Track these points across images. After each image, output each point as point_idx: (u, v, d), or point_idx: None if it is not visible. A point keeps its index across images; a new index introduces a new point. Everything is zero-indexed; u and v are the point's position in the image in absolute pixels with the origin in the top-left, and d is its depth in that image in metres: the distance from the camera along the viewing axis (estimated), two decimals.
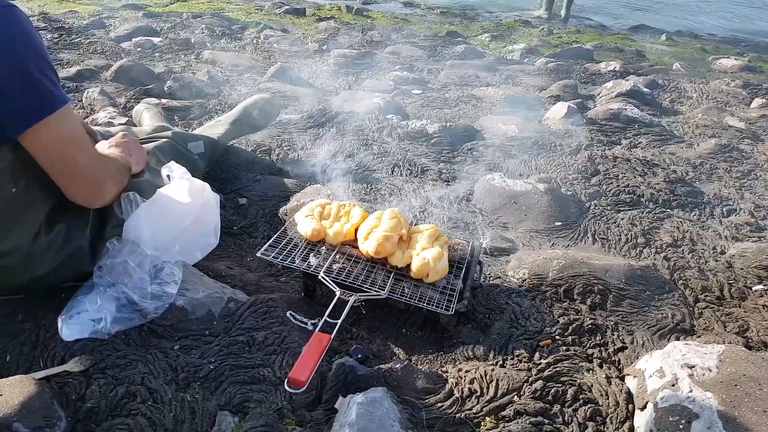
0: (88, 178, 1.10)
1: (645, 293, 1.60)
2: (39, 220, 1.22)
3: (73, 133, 1.06)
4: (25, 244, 1.20)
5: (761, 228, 2.08)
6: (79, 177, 1.08)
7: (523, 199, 2.10)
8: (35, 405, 1.02)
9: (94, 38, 4.29)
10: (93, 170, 1.11)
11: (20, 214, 1.18)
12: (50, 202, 1.23)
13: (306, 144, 2.57)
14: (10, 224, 1.17)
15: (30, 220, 1.20)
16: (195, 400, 1.14)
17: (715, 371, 1.16)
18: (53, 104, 1.01)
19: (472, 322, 1.47)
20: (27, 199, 1.18)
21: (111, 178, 1.24)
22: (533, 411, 1.17)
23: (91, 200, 1.21)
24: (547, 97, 3.71)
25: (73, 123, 1.06)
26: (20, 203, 1.17)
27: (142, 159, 1.52)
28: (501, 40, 5.76)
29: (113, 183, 1.26)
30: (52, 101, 1.00)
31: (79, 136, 1.09)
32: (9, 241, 1.17)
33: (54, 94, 1.02)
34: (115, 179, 1.27)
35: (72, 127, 1.06)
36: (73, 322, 1.22)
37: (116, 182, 1.28)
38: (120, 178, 1.31)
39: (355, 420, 1.04)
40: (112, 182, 1.25)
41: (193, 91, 3.17)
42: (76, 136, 1.07)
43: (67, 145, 1.05)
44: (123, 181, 1.33)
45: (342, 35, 5.26)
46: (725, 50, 6.10)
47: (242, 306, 1.39)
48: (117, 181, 1.28)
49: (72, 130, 1.06)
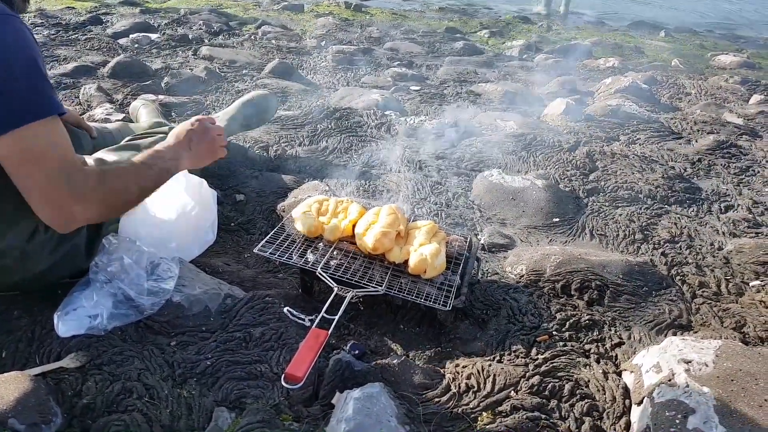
0: (44, 199, 1.00)
1: (642, 289, 1.60)
2: (36, 218, 1.21)
3: (33, 150, 0.95)
4: (21, 242, 1.19)
5: (759, 224, 2.08)
6: (33, 197, 0.99)
7: (521, 196, 2.10)
8: (31, 401, 1.01)
9: (91, 34, 4.27)
10: (51, 192, 0.99)
11: (18, 213, 1.17)
12: None
13: (304, 140, 2.56)
14: (7, 223, 1.16)
15: (27, 218, 1.19)
16: (192, 396, 1.14)
17: (712, 366, 1.16)
18: (15, 120, 0.93)
19: (470, 317, 1.47)
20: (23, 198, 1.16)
21: (81, 199, 1.05)
22: (530, 406, 1.17)
23: (51, 222, 1.07)
24: (545, 93, 3.70)
25: (35, 139, 0.95)
26: (17, 202, 1.15)
27: (207, 152, 1.36)
28: (500, 36, 5.75)
29: (85, 205, 1.06)
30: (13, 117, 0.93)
31: (40, 154, 0.96)
32: (5, 240, 1.16)
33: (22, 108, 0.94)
34: (89, 200, 1.07)
35: (33, 143, 0.95)
36: (69, 318, 1.22)
37: (94, 203, 1.08)
38: (106, 196, 1.11)
39: (352, 415, 1.04)
40: (83, 204, 1.06)
41: (191, 88, 3.16)
42: (37, 153, 0.96)
43: (22, 163, 0.96)
44: (116, 200, 1.14)
45: (340, 31, 5.24)
46: (724, 46, 6.09)
47: (239, 302, 1.39)
48: (96, 201, 1.08)
49: (32, 146, 0.95)
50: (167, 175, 1.26)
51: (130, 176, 1.17)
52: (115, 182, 1.12)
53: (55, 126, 1.00)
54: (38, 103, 0.95)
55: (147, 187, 1.21)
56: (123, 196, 1.15)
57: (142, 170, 1.19)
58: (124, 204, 1.18)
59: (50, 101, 0.98)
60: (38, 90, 0.96)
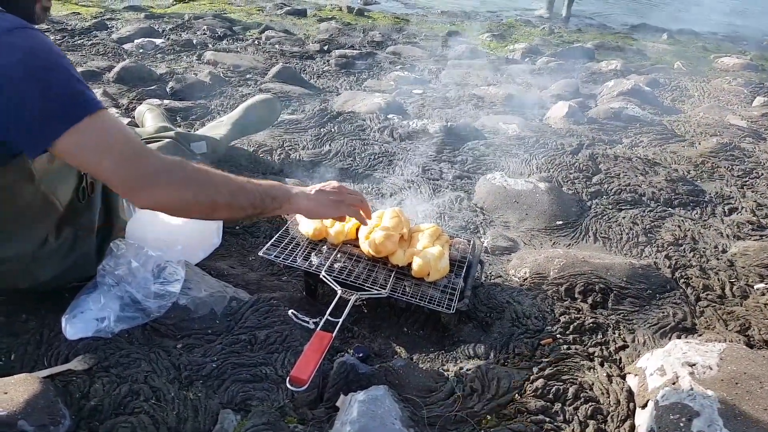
0: (120, 179, 1.01)
1: (646, 292, 1.61)
2: (49, 226, 1.22)
3: (97, 141, 0.97)
4: (32, 249, 1.20)
5: (763, 226, 2.08)
6: (110, 181, 1.02)
7: (524, 198, 2.11)
8: (40, 403, 1.03)
9: (97, 40, 4.30)
10: (124, 172, 1.00)
11: (33, 220, 1.18)
12: (61, 209, 1.22)
13: (307, 144, 2.57)
14: (22, 230, 1.17)
15: (41, 226, 1.20)
16: (198, 398, 1.14)
17: (716, 369, 1.16)
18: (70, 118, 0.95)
19: (474, 320, 1.47)
20: (41, 206, 1.17)
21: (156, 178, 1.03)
22: (534, 409, 1.17)
23: (131, 200, 1.10)
24: (548, 96, 3.71)
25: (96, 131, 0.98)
26: (32, 212, 1.17)
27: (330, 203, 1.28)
28: (502, 39, 5.76)
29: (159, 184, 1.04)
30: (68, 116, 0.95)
31: (103, 142, 0.98)
32: (16, 246, 1.17)
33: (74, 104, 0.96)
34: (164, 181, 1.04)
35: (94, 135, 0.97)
36: (76, 321, 1.23)
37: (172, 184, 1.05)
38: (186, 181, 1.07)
39: (356, 418, 1.05)
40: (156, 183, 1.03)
41: (195, 92, 3.18)
42: (100, 142, 0.98)
43: (88, 154, 0.97)
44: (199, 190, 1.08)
45: (343, 35, 5.26)
46: (727, 49, 6.09)
47: (244, 305, 1.40)
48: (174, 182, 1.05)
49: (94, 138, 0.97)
50: (272, 203, 1.19)
51: (222, 178, 1.13)
52: (197, 174, 1.09)
53: (108, 116, 1.01)
54: (82, 102, 0.96)
55: (240, 200, 1.14)
56: (207, 191, 1.09)
57: (242, 183, 1.15)
58: (209, 200, 1.09)
59: (92, 97, 0.98)
60: (79, 89, 0.97)
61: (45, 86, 0.93)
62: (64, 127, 0.93)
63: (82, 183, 1.27)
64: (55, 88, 0.94)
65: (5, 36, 0.91)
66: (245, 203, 1.15)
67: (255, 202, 1.16)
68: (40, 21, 1.10)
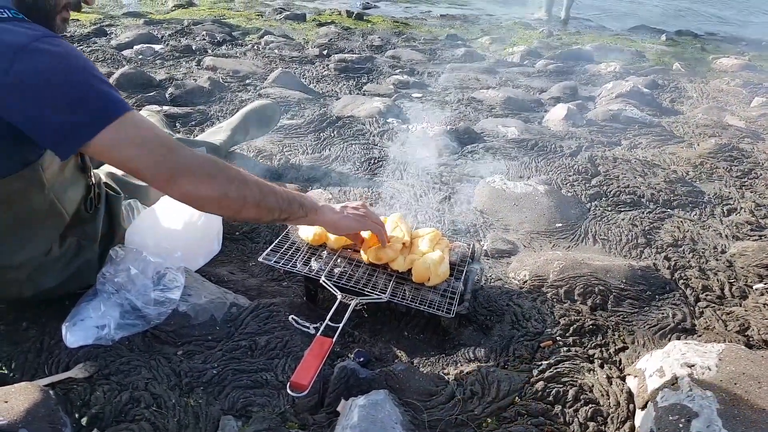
0: (155, 172, 1.03)
1: (646, 293, 1.61)
2: (54, 235, 1.23)
3: (132, 137, 1.00)
4: (37, 257, 1.21)
5: (762, 227, 2.08)
6: (146, 173, 1.04)
7: (523, 201, 2.11)
8: (40, 411, 1.03)
9: (96, 46, 4.32)
10: (159, 165, 1.03)
11: (40, 228, 1.19)
12: (67, 219, 1.23)
13: (307, 149, 2.58)
14: (29, 237, 1.18)
15: (47, 235, 1.21)
16: (198, 404, 1.15)
17: (715, 370, 1.17)
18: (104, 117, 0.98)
19: (474, 324, 1.47)
20: (48, 215, 1.18)
21: (189, 171, 1.05)
22: (534, 412, 1.18)
23: (166, 190, 1.08)
24: (547, 98, 3.72)
25: (130, 128, 1.01)
26: (40, 220, 1.18)
27: (355, 218, 1.35)
28: (501, 42, 5.77)
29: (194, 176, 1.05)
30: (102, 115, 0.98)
31: (138, 137, 1.01)
32: (22, 255, 1.18)
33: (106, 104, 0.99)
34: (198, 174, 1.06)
35: (129, 132, 1.00)
36: (77, 328, 1.23)
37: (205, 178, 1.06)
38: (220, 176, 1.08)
39: (357, 422, 1.05)
40: (192, 175, 1.05)
41: (195, 98, 3.19)
42: (135, 137, 1.01)
43: (124, 149, 1.00)
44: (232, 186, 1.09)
45: (342, 40, 5.28)
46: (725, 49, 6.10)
47: (244, 311, 1.40)
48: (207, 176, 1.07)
49: (129, 135, 1.00)
50: (299, 210, 1.22)
51: (253, 178, 1.14)
52: (231, 171, 1.10)
53: (138, 115, 1.04)
54: (115, 102, 1.00)
55: (269, 200, 1.15)
56: (240, 187, 1.10)
57: (272, 185, 1.17)
58: (239, 196, 1.10)
59: (123, 99, 1.02)
60: (110, 91, 1.00)
61: (82, 88, 0.96)
62: (101, 125, 0.97)
63: (90, 193, 1.28)
64: (91, 91, 0.97)
65: (37, 42, 0.94)
66: (274, 205, 1.16)
67: (283, 206, 1.18)
68: (60, 32, 1.13)
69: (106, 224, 1.36)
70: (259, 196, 1.13)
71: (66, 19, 1.14)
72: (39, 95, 0.94)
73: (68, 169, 1.21)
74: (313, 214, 1.27)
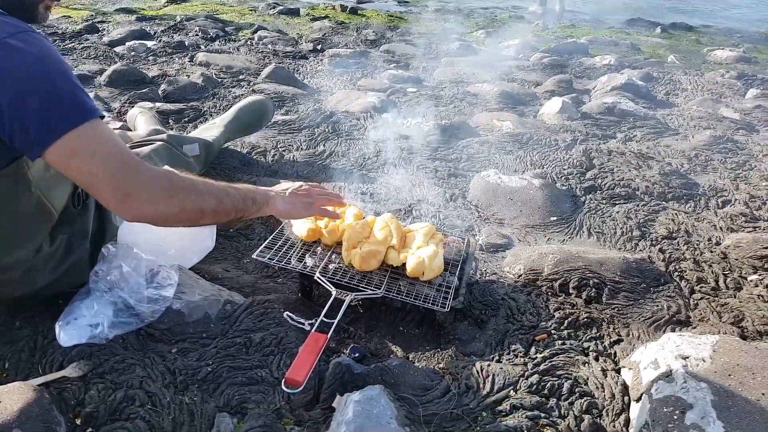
0: (110, 188, 1.01)
1: (640, 286, 1.61)
2: (44, 233, 1.22)
3: (91, 148, 0.98)
4: (28, 257, 1.20)
5: (756, 218, 2.08)
6: (100, 188, 1.01)
7: (518, 195, 2.11)
8: (34, 411, 1.02)
9: (88, 43, 4.29)
10: (115, 181, 1.00)
11: (29, 227, 1.18)
12: (56, 216, 1.22)
13: (301, 145, 2.57)
14: (17, 239, 1.17)
15: (36, 233, 1.20)
16: (193, 402, 1.14)
17: (709, 362, 1.17)
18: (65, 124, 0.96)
19: (469, 318, 1.47)
20: (36, 213, 1.17)
21: (146, 188, 1.04)
22: (530, 405, 1.18)
23: (120, 211, 1.07)
24: (542, 92, 3.71)
25: (90, 139, 0.98)
26: (28, 218, 1.17)
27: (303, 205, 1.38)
28: (496, 36, 5.75)
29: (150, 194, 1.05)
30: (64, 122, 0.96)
31: (98, 150, 0.99)
32: (12, 255, 1.17)
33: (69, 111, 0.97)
34: (155, 190, 1.05)
35: (89, 142, 0.98)
36: (70, 327, 1.23)
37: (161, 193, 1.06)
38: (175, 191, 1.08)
39: (352, 418, 1.05)
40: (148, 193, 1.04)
41: (188, 94, 3.17)
42: (95, 149, 0.99)
43: (83, 161, 0.98)
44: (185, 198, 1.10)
45: (336, 34, 5.26)
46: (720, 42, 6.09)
47: (239, 308, 1.40)
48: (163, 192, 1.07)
49: (89, 145, 0.98)
50: (252, 206, 1.25)
51: (206, 186, 1.15)
52: (184, 182, 1.11)
53: (104, 126, 1.02)
54: (82, 107, 0.97)
55: (225, 204, 1.17)
56: (193, 198, 1.11)
57: (224, 188, 1.19)
58: (196, 207, 1.12)
59: (91, 104, 1.00)
60: (79, 95, 0.98)
61: (50, 90, 0.95)
62: (64, 130, 0.95)
63: (78, 189, 1.27)
64: (59, 92, 0.95)
65: (10, 39, 0.93)
66: (230, 208, 1.19)
67: (238, 206, 1.21)
68: (43, 20, 1.11)
69: (96, 221, 1.35)
70: (214, 203, 1.15)
71: (49, 7, 1.12)
72: (7, 93, 0.92)
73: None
74: (265, 206, 1.30)
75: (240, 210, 1.22)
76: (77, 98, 0.97)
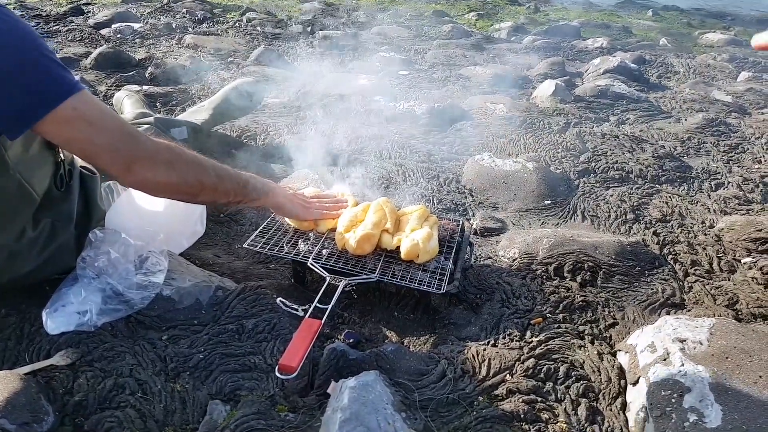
0: (111, 157, 1.01)
1: (635, 269, 1.60)
2: (26, 217, 1.18)
3: (89, 117, 0.97)
4: (10, 242, 1.16)
5: (749, 201, 2.08)
6: (102, 157, 1.01)
7: (512, 179, 2.09)
8: (21, 400, 1.00)
9: (73, 25, 4.19)
10: (116, 149, 1.00)
11: (9, 210, 1.14)
12: (38, 199, 1.19)
13: (292, 128, 2.53)
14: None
15: (18, 217, 1.17)
16: (185, 390, 1.12)
17: (706, 344, 1.16)
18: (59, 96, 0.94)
19: (464, 302, 1.46)
20: (17, 196, 1.14)
21: (147, 157, 1.05)
22: (526, 389, 1.17)
23: (121, 178, 1.06)
24: (534, 75, 3.68)
25: (87, 107, 0.97)
26: (9, 201, 1.13)
27: (300, 206, 1.43)
28: (487, 18, 5.70)
29: (152, 164, 1.05)
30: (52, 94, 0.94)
31: (95, 118, 0.98)
32: None
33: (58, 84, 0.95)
34: (156, 160, 1.06)
35: (86, 111, 0.97)
36: (57, 315, 1.20)
37: (161, 164, 1.07)
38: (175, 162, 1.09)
39: (347, 404, 1.03)
40: (150, 163, 1.05)
41: (175, 77, 3.11)
42: (93, 118, 0.98)
43: (82, 129, 0.97)
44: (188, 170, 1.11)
45: (327, 16, 5.18)
46: (711, 24, 6.08)
47: (231, 294, 1.37)
48: (163, 162, 1.07)
49: (86, 114, 0.97)
50: (252, 192, 1.26)
51: (209, 162, 1.15)
52: (187, 155, 1.11)
53: (93, 97, 1.00)
54: (69, 81, 0.95)
55: (225, 184, 1.18)
56: (195, 172, 1.12)
57: (227, 168, 1.19)
58: (196, 182, 1.13)
59: (75, 79, 0.97)
60: (62, 71, 0.96)
61: (31, 66, 0.92)
62: (52, 105, 0.93)
63: (60, 170, 1.23)
64: (41, 68, 0.93)
65: None
66: (229, 188, 1.19)
67: (237, 189, 1.21)
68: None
69: (81, 204, 1.32)
70: (215, 181, 1.15)
71: None
72: None
73: (33, 147, 1.15)
74: (265, 197, 1.30)
75: (239, 194, 1.21)
76: (60, 73, 0.95)
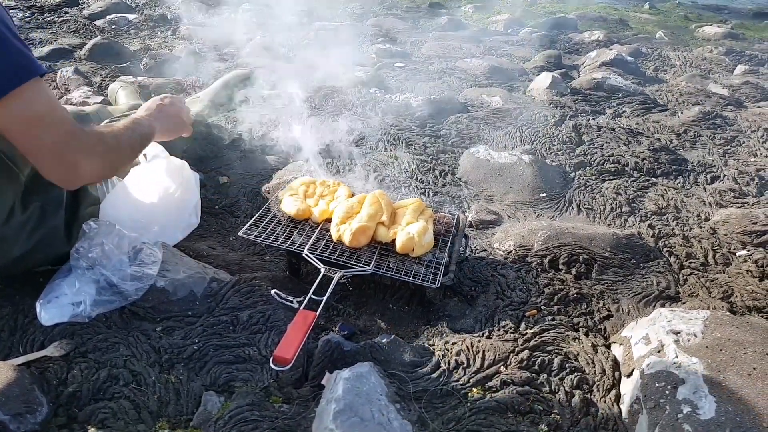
0: (55, 157, 0.99)
1: (630, 261, 1.61)
2: (12, 199, 1.17)
3: (37, 110, 0.95)
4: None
5: (745, 194, 2.09)
6: (45, 156, 0.99)
7: (508, 171, 2.09)
8: (15, 391, 1.00)
9: (67, 16, 4.15)
10: (61, 149, 0.99)
11: None
12: (24, 181, 1.18)
13: (287, 120, 2.52)
14: None
15: (4, 197, 1.16)
16: (179, 381, 1.12)
17: (700, 336, 1.17)
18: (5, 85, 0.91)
19: (459, 295, 1.46)
20: (1, 174, 1.13)
21: (89, 154, 1.05)
22: (520, 381, 1.17)
23: (63, 180, 1.08)
24: (531, 67, 3.67)
25: (36, 99, 0.95)
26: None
27: (175, 126, 1.42)
28: (484, 10, 5.68)
29: (91, 160, 1.06)
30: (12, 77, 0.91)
31: (44, 113, 0.96)
32: None
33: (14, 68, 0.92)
34: (95, 155, 1.07)
35: (35, 103, 0.95)
36: (51, 306, 1.19)
37: (98, 158, 1.08)
38: (107, 152, 1.11)
39: (341, 395, 1.03)
40: (90, 159, 1.06)
41: (171, 68, 3.09)
42: (41, 112, 0.96)
43: (29, 123, 0.95)
44: (115, 156, 1.15)
45: (323, 7, 5.15)
46: (708, 18, 6.07)
47: (225, 285, 1.37)
48: (100, 156, 1.09)
49: (35, 106, 0.95)
50: (146, 141, 1.31)
51: (122, 137, 1.19)
52: (111, 141, 1.14)
53: (46, 87, 0.98)
54: (23, 65, 0.92)
55: (135, 149, 1.26)
56: (119, 155, 1.18)
57: (128, 133, 1.22)
58: (120, 162, 1.22)
59: (34, 61, 0.95)
60: (20, 51, 0.93)
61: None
62: (10, 87, 0.91)
63: None
64: (3, 48, 0.90)
65: None
66: (137, 148, 1.27)
67: (144, 142, 1.29)
68: None
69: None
70: (130, 152, 1.24)
71: None
72: None
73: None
74: (152, 136, 1.33)
75: (143, 146, 1.29)
76: (23, 54, 0.92)
